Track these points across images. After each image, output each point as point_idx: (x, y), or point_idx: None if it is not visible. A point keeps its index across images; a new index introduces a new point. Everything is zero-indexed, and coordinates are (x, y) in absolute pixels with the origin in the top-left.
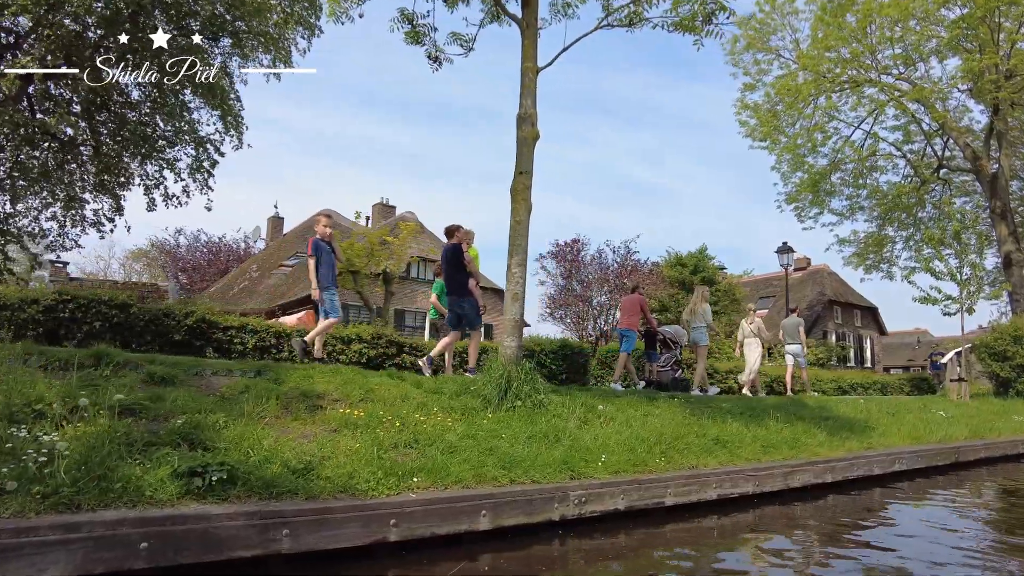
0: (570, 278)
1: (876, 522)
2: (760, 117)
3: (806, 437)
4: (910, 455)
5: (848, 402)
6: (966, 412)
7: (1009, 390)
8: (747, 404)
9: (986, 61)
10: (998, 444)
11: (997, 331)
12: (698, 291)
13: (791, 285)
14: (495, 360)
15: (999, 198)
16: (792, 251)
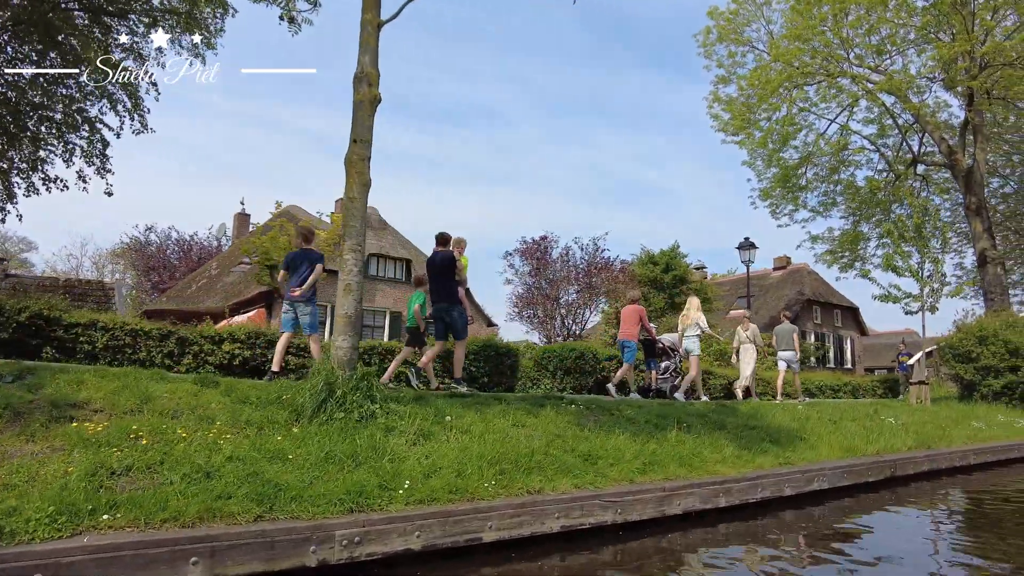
0: (538, 276)
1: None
2: (733, 110)
3: (710, 451)
4: (833, 472)
5: (786, 409)
6: (920, 418)
7: (973, 393)
8: (659, 412)
9: (958, 48)
10: (945, 455)
11: (962, 331)
12: (691, 301)
13: (770, 285)
14: (324, 363)
15: (974, 194)
16: (754, 247)
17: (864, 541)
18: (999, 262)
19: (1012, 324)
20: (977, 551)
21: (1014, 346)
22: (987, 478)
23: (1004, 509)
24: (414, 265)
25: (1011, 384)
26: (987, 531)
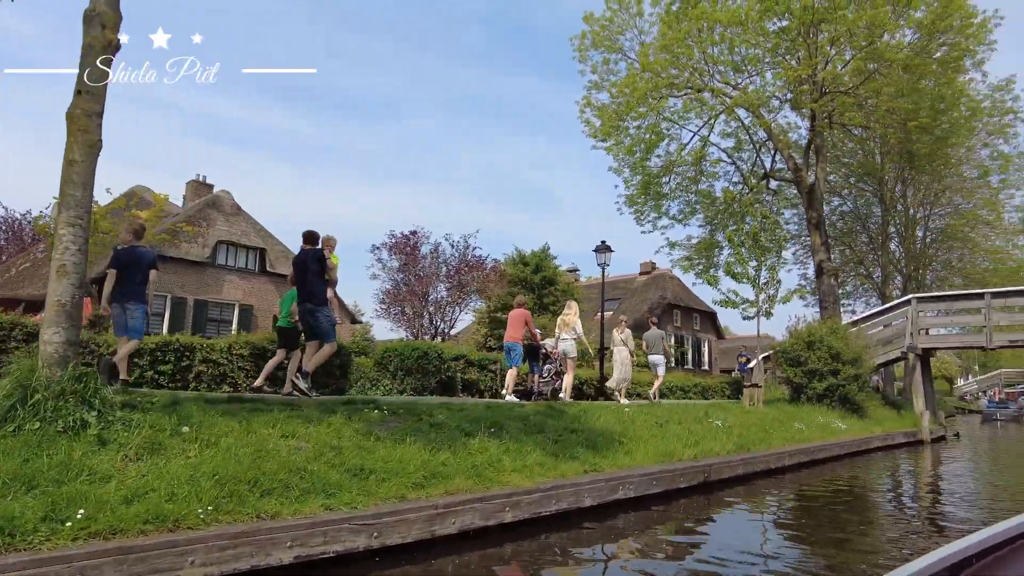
0: (407, 272)
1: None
2: (603, 117)
3: (512, 459)
4: (642, 479)
5: (612, 411)
6: (748, 420)
7: (801, 395)
8: (477, 416)
9: (801, 71)
10: (760, 458)
11: (794, 336)
12: (570, 306)
13: (636, 289)
14: (21, 361)
15: (815, 209)
16: (610, 250)
17: (663, 552)
18: (833, 273)
19: (835, 331)
20: (789, 550)
21: (836, 351)
22: (799, 478)
23: (811, 506)
24: (269, 255)
25: (832, 387)
26: (799, 530)
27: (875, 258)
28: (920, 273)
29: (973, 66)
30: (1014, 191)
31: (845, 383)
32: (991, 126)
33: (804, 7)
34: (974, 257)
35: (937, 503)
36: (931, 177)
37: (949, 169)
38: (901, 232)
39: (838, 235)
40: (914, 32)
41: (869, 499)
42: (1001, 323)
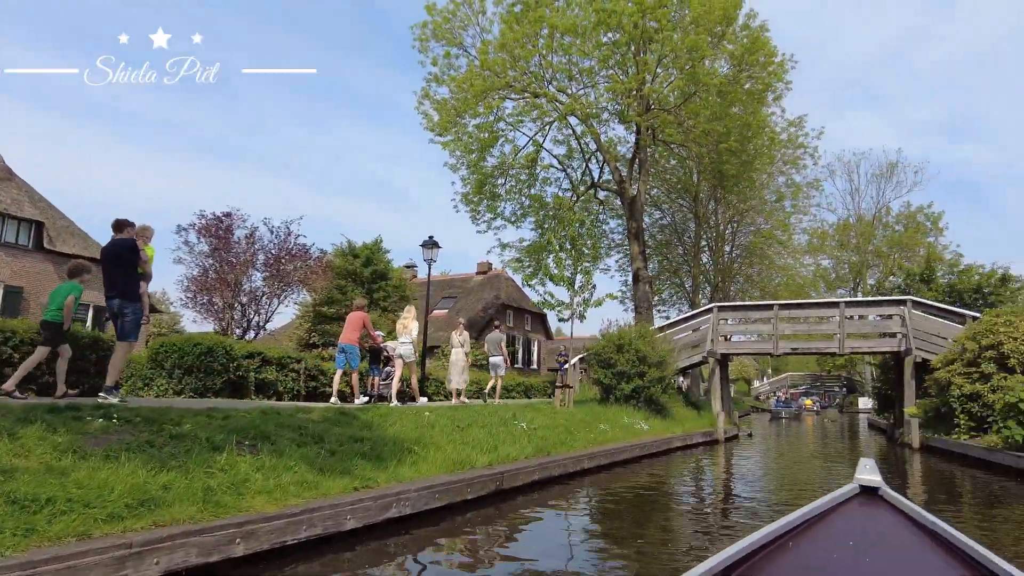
0: (218, 258)
1: None
2: (441, 111)
3: (265, 476)
4: (421, 493)
5: (412, 415)
6: (555, 422)
7: (610, 396)
8: (245, 424)
9: (627, 84)
10: (560, 462)
11: (605, 339)
12: (409, 309)
13: (472, 288)
14: None
15: (635, 220)
16: (437, 246)
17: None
18: (648, 281)
19: (643, 335)
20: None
21: (643, 354)
22: (599, 480)
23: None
24: (48, 230)
25: (638, 388)
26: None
27: (688, 269)
28: (726, 284)
29: (774, 100)
30: (802, 216)
31: (650, 385)
32: (787, 157)
33: (635, 24)
34: (770, 272)
35: (726, 501)
36: (738, 198)
37: (753, 192)
38: (712, 246)
39: (657, 246)
40: (728, 63)
41: (664, 500)
42: (786, 332)
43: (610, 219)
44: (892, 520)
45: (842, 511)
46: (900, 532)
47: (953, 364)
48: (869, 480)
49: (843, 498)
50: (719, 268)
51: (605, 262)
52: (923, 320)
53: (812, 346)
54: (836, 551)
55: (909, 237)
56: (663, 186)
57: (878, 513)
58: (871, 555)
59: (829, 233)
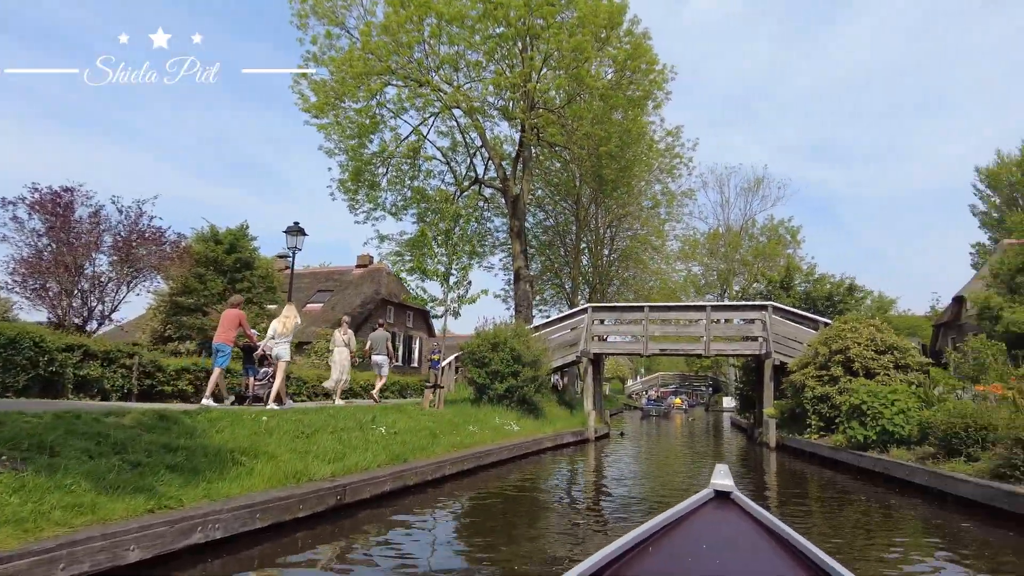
0: (55, 238)
1: None
2: (319, 92)
3: (22, 501)
4: (236, 513)
5: (249, 420)
6: (420, 425)
7: (483, 397)
8: (9, 433)
9: (512, 79)
10: (417, 469)
11: (480, 337)
12: (289, 308)
13: (351, 282)
14: None
15: (517, 219)
16: (303, 233)
17: None
18: (529, 280)
19: (518, 333)
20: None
21: (518, 353)
22: (462, 487)
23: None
24: None
25: (512, 388)
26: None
27: (568, 270)
28: (603, 286)
29: (654, 108)
30: (676, 223)
31: (524, 384)
32: (664, 165)
33: (521, 19)
34: (644, 276)
35: (593, 502)
36: (617, 203)
37: (631, 198)
38: (592, 249)
39: (540, 246)
40: (612, 68)
41: (529, 505)
42: (656, 333)
43: (495, 217)
44: (742, 523)
45: (698, 515)
46: (748, 535)
47: (807, 367)
48: (723, 485)
49: (699, 503)
50: (598, 270)
51: (489, 260)
52: (781, 325)
53: (680, 347)
54: (692, 554)
55: (771, 248)
56: (547, 188)
57: (730, 517)
58: (722, 556)
59: (700, 241)
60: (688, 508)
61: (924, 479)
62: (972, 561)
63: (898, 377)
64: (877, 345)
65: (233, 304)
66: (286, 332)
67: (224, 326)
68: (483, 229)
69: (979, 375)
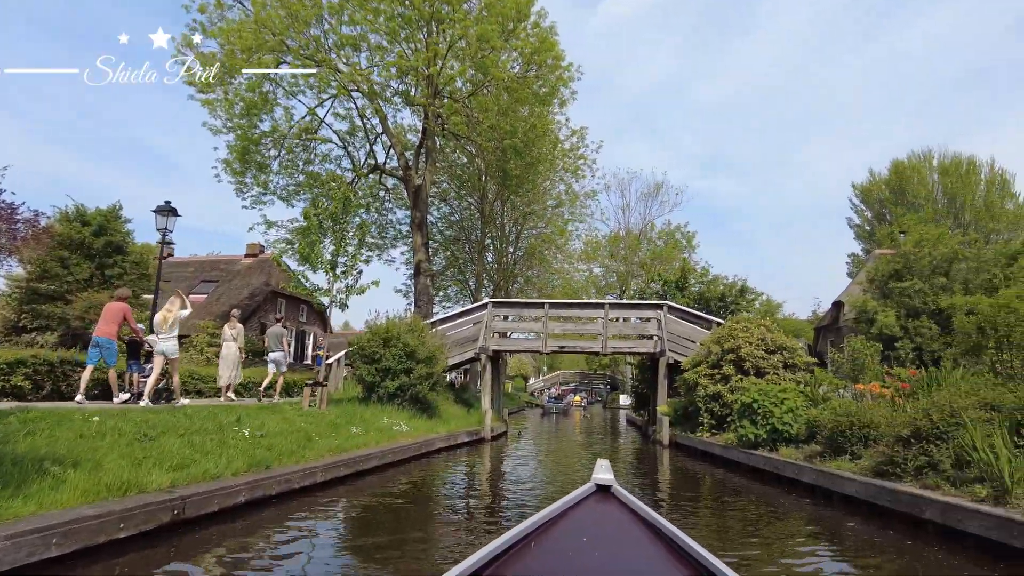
0: None
1: None
2: (205, 64)
3: None
4: (19, 540)
5: (78, 422)
6: (294, 426)
7: (372, 396)
8: None
9: (415, 63)
10: (280, 477)
11: (371, 331)
12: (173, 301)
13: (238, 271)
14: None
15: (419, 210)
16: (175, 214)
17: None
18: (430, 274)
19: (413, 328)
20: None
21: (411, 348)
22: (336, 495)
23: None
24: None
25: (404, 386)
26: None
27: (473, 267)
28: (507, 284)
29: (560, 105)
30: (579, 223)
31: (417, 382)
32: (568, 165)
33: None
34: (548, 275)
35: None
36: (522, 200)
37: (536, 196)
38: (496, 245)
39: (445, 241)
40: (519, 62)
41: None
42: (555, 331)
43: (397, 208)
44: (621, 516)
45: (579, 509)
46: (627, 527)
47: (700, 366)
48: (603, 479)
49: (580, 497)
50: (502, 268)
51: (390, 254)
52: (676, 324)
53: (578, 345)
54: (572, 547)
55: (668, 252)
56: (453, 182)
57: (610, 510)
58: (601, 549)
59: (602, 243)
60: (569, 503)
61: (812, 478)
62: (853, 559)
63: (787, 376)
64: (767, 345)
65: (119, 297)
66: (167, 325)
67: (106, 319)
68: (384, 220)
69: (858, 375)
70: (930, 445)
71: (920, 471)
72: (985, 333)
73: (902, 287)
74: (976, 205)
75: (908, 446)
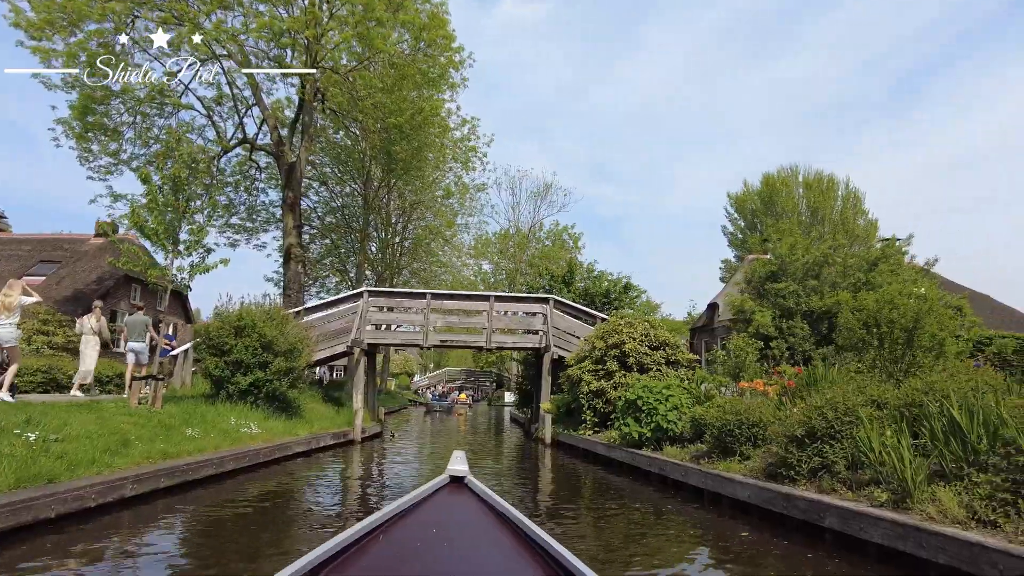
0: None
1: None
2: (38, 7)
3: None
4: None
5: None
6: (107, 429)
7: (221, 392)
8: None
9: (291, 25)
10: (66, 494)
11: (221, 318)
12: (12, 285)
13: (86, 252)
14: None
15: (292, 190)
16: None
17: None
18: (302, 260)
19: (272, 316)
20: None
21: (268, 339)
22: (139, 515)
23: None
24: None
25: (259, 381)
26: None
27: (355, 257)
28: (392, 276)
29: (449, 88)
30: (468, 217)
31: (275, 378)
32: (458, 155)
33: None
34: (436, 269)
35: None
36: (409, 188)
37: (424, 185)
38: (381, 236)
39: (326, 228)
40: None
41: (240, 530)
42: (437, 324)
43: (271, 189)
44: (473, 508)
45: (431, 501)
46: (479, 519)
47: (584, 361)
48: (457, 471)
49: (433, 489)
50: (386, 259)
51: (261, 238)
52: (562, 319)
53: (462, 339)
54: (421, 539)
55: (556, 251)
56: (337, 166)
57: (462, 501)
58: (450, 541)
59: (492, 240)
60: (422, 495)
61: (700, 480)
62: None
63: (670, 373)
64: (651, 340)
65: None
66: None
67: None
68: (256, 202)
69: (739, 372)
70: (825, 445)
71: (815, 473)
72: (871, 329)
73: (777, 288)
74: (834, 219)
75: (802, 447)
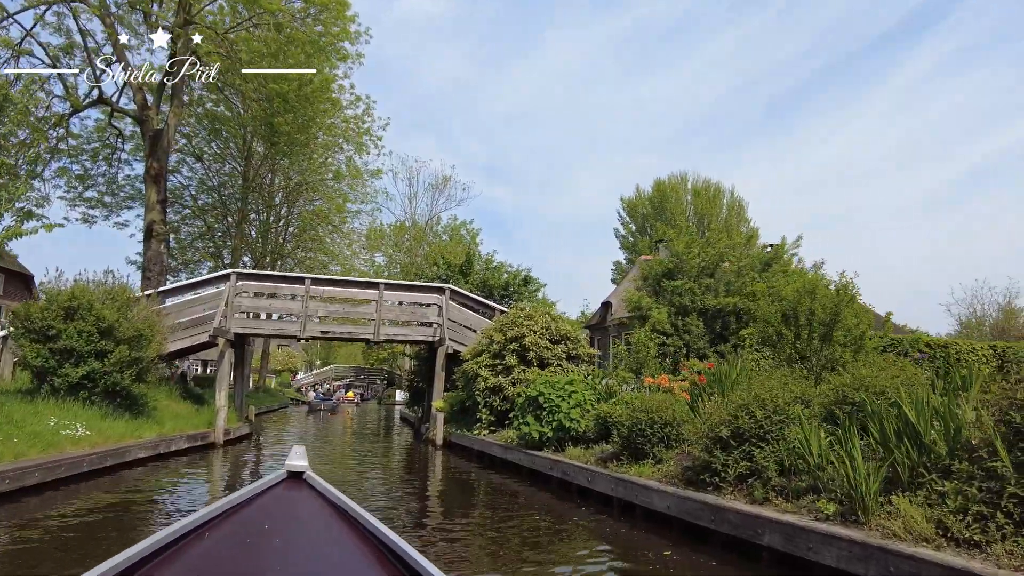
0: None
1: None
2: None
3: None
4: None
5: None
6: None
7: (44, 386)
8: None
9: None
10: None
11: (48, 298)
12: None
13: None
14: None
15: (157, 160)
16: None
17: None
18: (164, 238)
19: (113, 296)
20: None
21: (108, 324)
22: None
23: None
24: None
25: (94, 373)
26: None
27: (231, 240)
28: (274, 263)
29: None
30: (361, 204)
31: (115, 370)
32: (350, 136)
33: None
34: (323, 258)
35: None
36: (295, 169)
37: (311, 164)
38: (262, 218)
39: (199, 209)
40: None
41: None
42: (319, 312)
43: (135, 161)
44: (311, 503)
45: (266, 496)
46: (316, 514)
47: (481, 356)
48: (296, 466)
49: (269, 484)
50: (268, 244)
51: (124, 215)
52: (458, 311)
53: (347, 331)
54: (252, 534)
55: (453, 246)
56: (214, 141)
57: (300, 497)
58: (286, 536)
59: (387, 232)
60: (256, 490)
61: (609, 487)
62: None
63: (571, 368)
64: (552, 334)
65: None
66: None
67: None
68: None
69: (640, 368)
70: (754, 448)
71: (743, 479)
72: (789, 322)
73: (674, 286)
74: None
75: (728, 449)
